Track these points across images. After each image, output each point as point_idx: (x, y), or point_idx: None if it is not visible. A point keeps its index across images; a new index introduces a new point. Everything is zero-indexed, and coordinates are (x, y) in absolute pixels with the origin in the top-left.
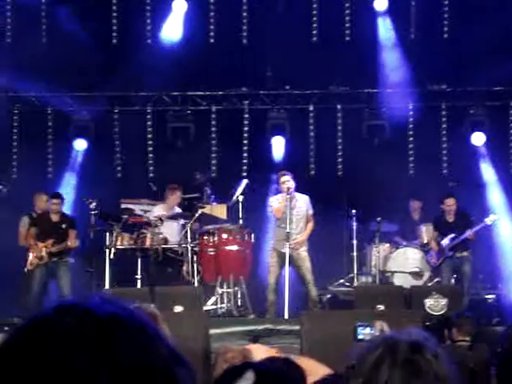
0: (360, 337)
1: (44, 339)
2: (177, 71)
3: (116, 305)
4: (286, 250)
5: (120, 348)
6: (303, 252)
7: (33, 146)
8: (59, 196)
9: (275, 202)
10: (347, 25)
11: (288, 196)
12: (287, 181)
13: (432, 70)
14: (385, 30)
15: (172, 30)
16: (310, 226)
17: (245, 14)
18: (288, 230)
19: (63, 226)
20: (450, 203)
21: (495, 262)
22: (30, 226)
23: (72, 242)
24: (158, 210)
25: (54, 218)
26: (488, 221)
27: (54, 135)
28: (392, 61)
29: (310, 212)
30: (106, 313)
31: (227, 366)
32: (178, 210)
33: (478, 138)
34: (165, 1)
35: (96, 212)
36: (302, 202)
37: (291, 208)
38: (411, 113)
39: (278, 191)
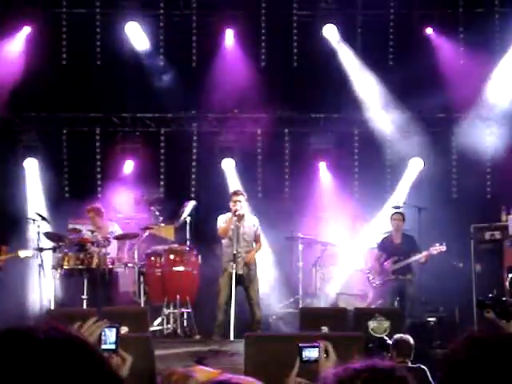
0: (305, 357)
1: None
2: (127, 93)
3: (58, 330)
4: (233, 271)
5: (62, 371)
6: (253, 272)
7: None
8: None
9: (222, 222)
10: (295, 50)
11: (235, 217)
12: (238, 201)
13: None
14: (332, 55)
15: (123, 51)
16: (258, 246)
17: (194, 37)
18: (235, 251)
19: None
20: (398, 218)
21: (436, 285)
22: None
23: (4, 254)
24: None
25: None
26: (433, 250)
27: (2, 155)
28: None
29: (258, 233)
30: (47, 337)
31: None
32: (111, 227)
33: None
34: (116, 22)
35: (43, 232)
36: (251, 223)
37: (238, 228)
38: (356, 138)
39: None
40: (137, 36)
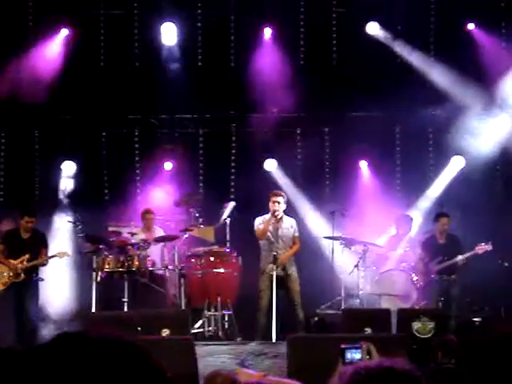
0: (348, 359)
1: (48, 372)
2: (165, 94)
3: (111, 333)
4: (273, 273)
5: (118, 372)
6: (293, 273)
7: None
8: (34, 215)
9: (259, 223)
10: (334, 48)
11: (274, 218)
12: (277, 202)
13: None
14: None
15: (161, 52)
16: (295, 247)
17: (232, 37)
18: (275, 253)
19: (35, 243)
20: (445, 222)
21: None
22: None
23: (43, 258)
24: (139, 235)
25: (25, 235)
26: (478, 250)
27: (41, 158)
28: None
29: (296, 234)
30: (101, 339)
31: None
32: (159, 232)
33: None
34: (153, 23)
35: (83, 235)
36: (288, 225)
37: (277, 229)
38: (398, 135)
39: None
40: (174, 37)
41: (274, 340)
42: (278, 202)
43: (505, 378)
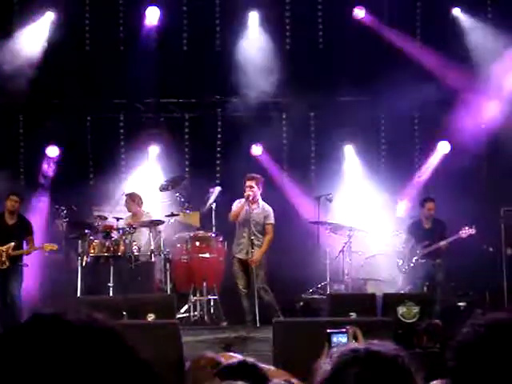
0: (334, 343)
1: (25, 350)
2: (150, 79)
3: (91, 316)
4: (241, 255)
5: (92, 358)
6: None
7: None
8: (18, 194)
9: (234, 206)
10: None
11: (246, 201)
12: (249, 186)
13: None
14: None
15: (146, 36)
16: (267, 238)
17: (217, 21)
18: (252, 237)
19: (20, 230)
20: (431, 207)
21: (466, 269)
22: None
23: (31, 247)
24: (125, 219)
25: (10, 221)
26: (462, 234)
27: (25, 141)
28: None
29: (269, 222)
30: (81, 324)
31: (200, 373)
32: (149, 217)
33: None
34: (138, 7)
35: (68, 219)
36: (260, 209)
37: (249, 214)
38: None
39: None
40: (160, 21)
41: (258, 324)
42: (251, 186)
43: (494, 367)
